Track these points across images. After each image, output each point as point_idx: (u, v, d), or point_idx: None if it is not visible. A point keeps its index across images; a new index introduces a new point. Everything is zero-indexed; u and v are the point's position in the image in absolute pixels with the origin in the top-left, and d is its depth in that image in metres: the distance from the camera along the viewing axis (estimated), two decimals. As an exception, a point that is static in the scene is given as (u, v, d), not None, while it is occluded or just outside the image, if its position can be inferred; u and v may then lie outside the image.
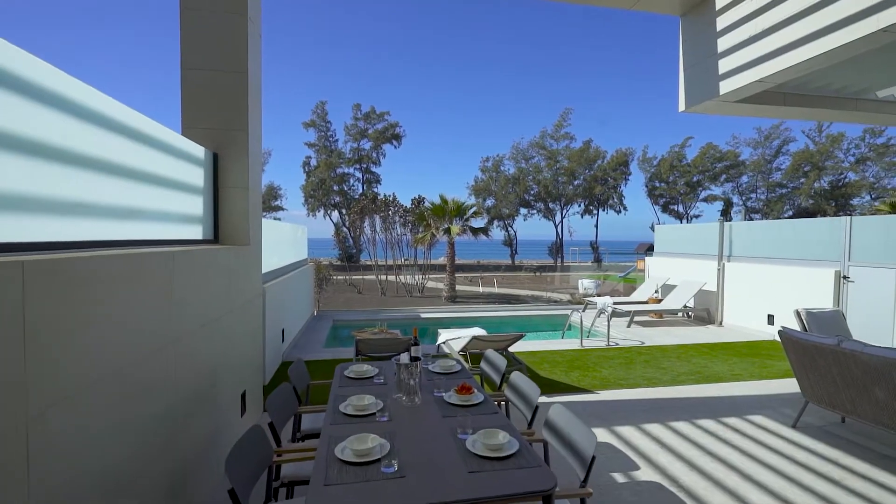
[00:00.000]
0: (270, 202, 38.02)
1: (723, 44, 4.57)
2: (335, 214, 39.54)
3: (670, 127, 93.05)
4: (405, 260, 20.15)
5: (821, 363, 3.77)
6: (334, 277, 17.42)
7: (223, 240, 3.89)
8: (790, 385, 5.34)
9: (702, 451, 3.66)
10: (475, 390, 2.78)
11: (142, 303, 2.07)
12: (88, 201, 2.01)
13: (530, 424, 2.64)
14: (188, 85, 3.81)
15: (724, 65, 4.56)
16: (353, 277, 21.54)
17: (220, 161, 3.87)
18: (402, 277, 19.54)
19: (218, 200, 3.86)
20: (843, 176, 34.47)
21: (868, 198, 33.66)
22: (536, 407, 2.62)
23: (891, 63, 4.43)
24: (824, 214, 33.37)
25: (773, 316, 7.77)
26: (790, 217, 35.26)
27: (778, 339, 7.59)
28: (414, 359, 3.02)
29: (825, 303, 6.89)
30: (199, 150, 3.52)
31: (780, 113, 5.22)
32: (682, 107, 5.12)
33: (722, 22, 4.57)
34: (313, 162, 39.21)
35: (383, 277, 19.32)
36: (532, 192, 39.09)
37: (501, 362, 3.35)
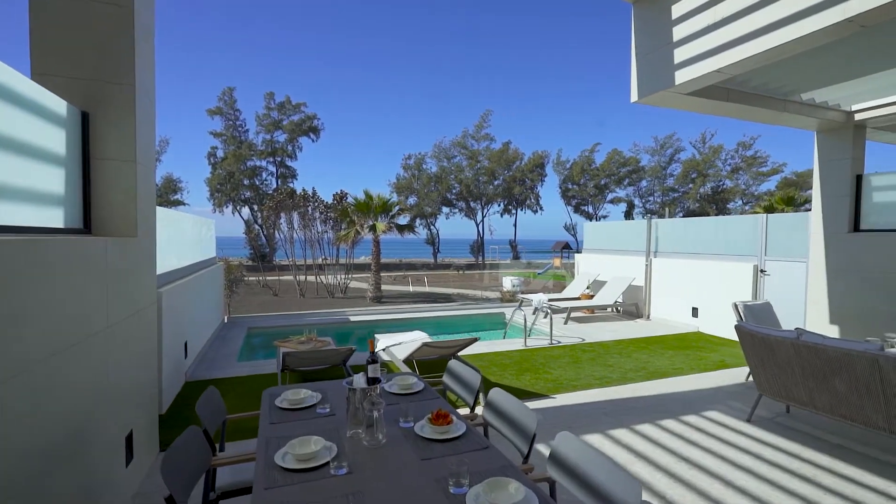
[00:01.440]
0: (169, 196, 33.91)
1: (679, 32, 4.46)
2: (245, 210, 36.42)
3: (585, 130, 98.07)
4: (325, 259, 18.84)
5: (780, 357, 3.75)
6: (247, 279, 15.71)
7: (98, 229, 2.89)
8: (728, 377, 5.47)
9: (676, 457, 3.43)
10: (453, 418, 2.21)
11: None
12: None
13: (526, 458, 2.13)
14: (41, 15, 2.75)
15: (680, 54, 4.45)
16: (269, 278, 19.71)
17: (93, 123, 2.86)
18: (322, 278, 18.23)
19: (89, 177, 2.85)
20: (721, 183, 39.12)
21: (740, 202, 38.58)
22: (534, 435, 2.10)
23: (819, 64, 4.61)
24: (707, 216, 37.60)
25: (697, 309, 8.15)
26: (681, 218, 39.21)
27: (703, 331, 7.98)
28: (372, 380, 2.36)
29: (745, 295, 7.32)
30: (58, 104, 2.52)
31: (723, 109, 5.33)
32: (634, 97, 4.98)
33: (678, 10, 4.45)
34: (220, 153, 35.72)
35: (302, 278, 17.88)
36: (454, 191, 39.25)
37: (474, 378, 2.79)
